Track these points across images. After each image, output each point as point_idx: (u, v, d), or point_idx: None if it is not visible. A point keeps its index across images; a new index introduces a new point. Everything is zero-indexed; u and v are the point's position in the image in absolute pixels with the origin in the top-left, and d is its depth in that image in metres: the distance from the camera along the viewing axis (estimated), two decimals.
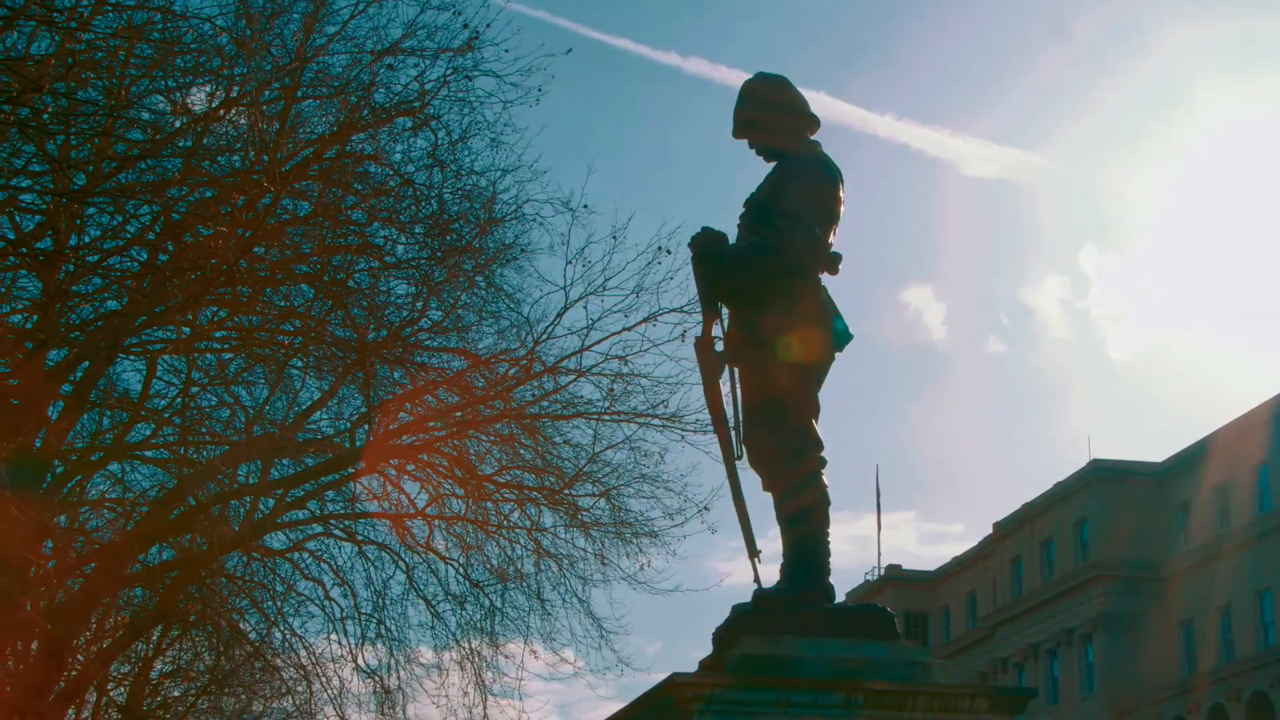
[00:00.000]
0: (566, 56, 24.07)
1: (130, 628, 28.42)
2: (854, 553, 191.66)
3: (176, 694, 36.34)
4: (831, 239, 12.24)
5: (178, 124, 21.70)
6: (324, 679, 28.96)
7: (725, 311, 12.41)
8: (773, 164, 12.63)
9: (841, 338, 12.22)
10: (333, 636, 28.18)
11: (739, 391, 12.29)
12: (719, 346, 12.27)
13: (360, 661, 28.20)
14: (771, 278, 11.93)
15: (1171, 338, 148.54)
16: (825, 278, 12.40)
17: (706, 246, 12.19)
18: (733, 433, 12.24)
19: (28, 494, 20.75)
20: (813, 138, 12.62)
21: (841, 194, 12.33)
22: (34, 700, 23.19)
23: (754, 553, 12.53)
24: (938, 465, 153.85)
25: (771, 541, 12.57)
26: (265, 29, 22.23)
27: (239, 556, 26.84)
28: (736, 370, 12.27)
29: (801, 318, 11.93)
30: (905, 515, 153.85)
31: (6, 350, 20.53)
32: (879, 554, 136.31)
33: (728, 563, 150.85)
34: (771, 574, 12.34)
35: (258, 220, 21.60)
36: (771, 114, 12.58)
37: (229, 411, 25.38)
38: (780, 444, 12.02)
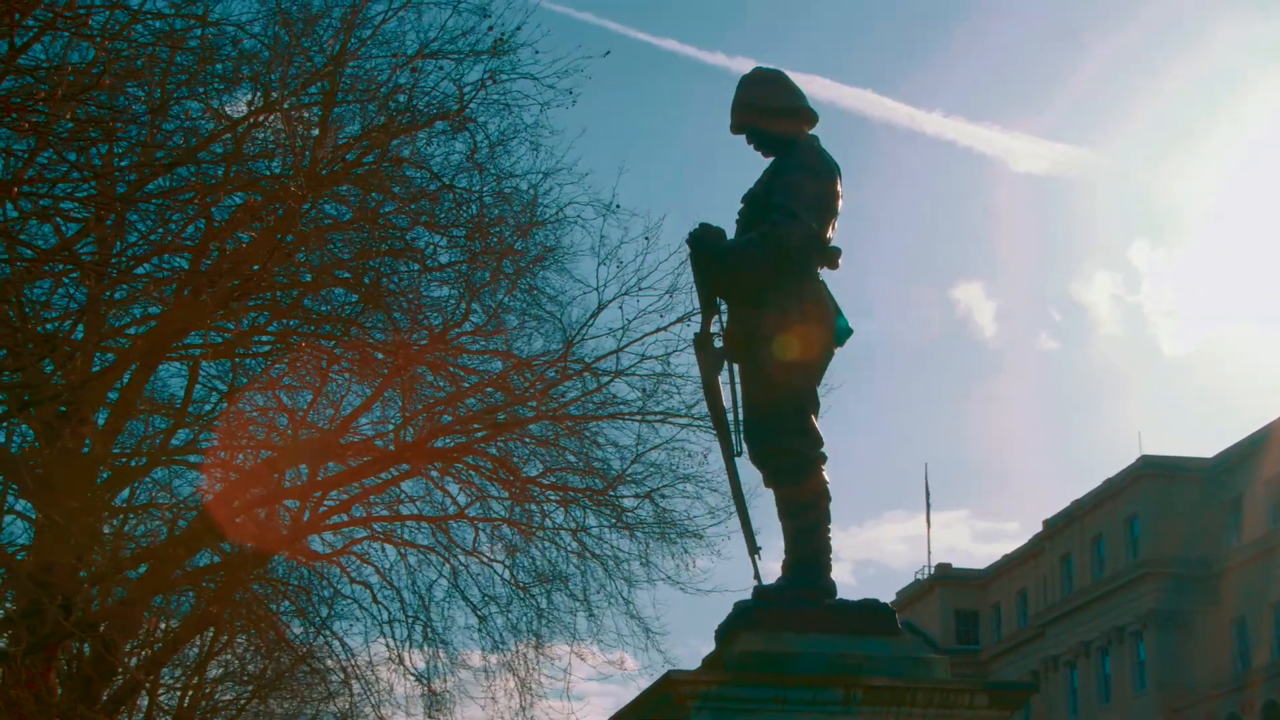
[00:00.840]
0: (613, 57, 24.16)
1: (179, 633, 28.58)
2: (906, 552, 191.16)
3: (227, 698, 36.52)
4: (831, 233, 12.17)
5: (216, 129, 21.83)
6: (371, 682, 29.10)
7: (724, 308, 12.36)
8: (770, 159, 12.60)
9: (841, 334, 12.15)
10: (380, 640, 28.31)
11: (739, 388, 12.27)
12: (718, 343, 12.24)
13: (408, 664, 28.29)
14: (768, 273, 11.86)
15: (1224, 333, 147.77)
16: (827, 272, 12.34)
17: (703, 242, 12.13)
18: (733, 430, 12.21)
19: (75, 500, 20.91)
20: (811, 131, 12.58)
21: (839, 188, 12.24)
22: (84, 705, 23.33)
23: (754, 550, 12.50)
24: (990, 463, 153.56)
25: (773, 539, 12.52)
26: (303, 33, 22.35)
27: (285, 561, 26.96)
28: (736, 367, 12.23)
29: (799, 313, 11.84)
30: (958, 514, 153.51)
31: (50, 355, 20.69)
32: (929, 553, 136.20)
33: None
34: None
35: (296, 225, 21.70)
36: (768, 108, 12.53)
37: (275, 416, 25.47)
38: (780, 441, 11.95)
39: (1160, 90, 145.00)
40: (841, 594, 11.94)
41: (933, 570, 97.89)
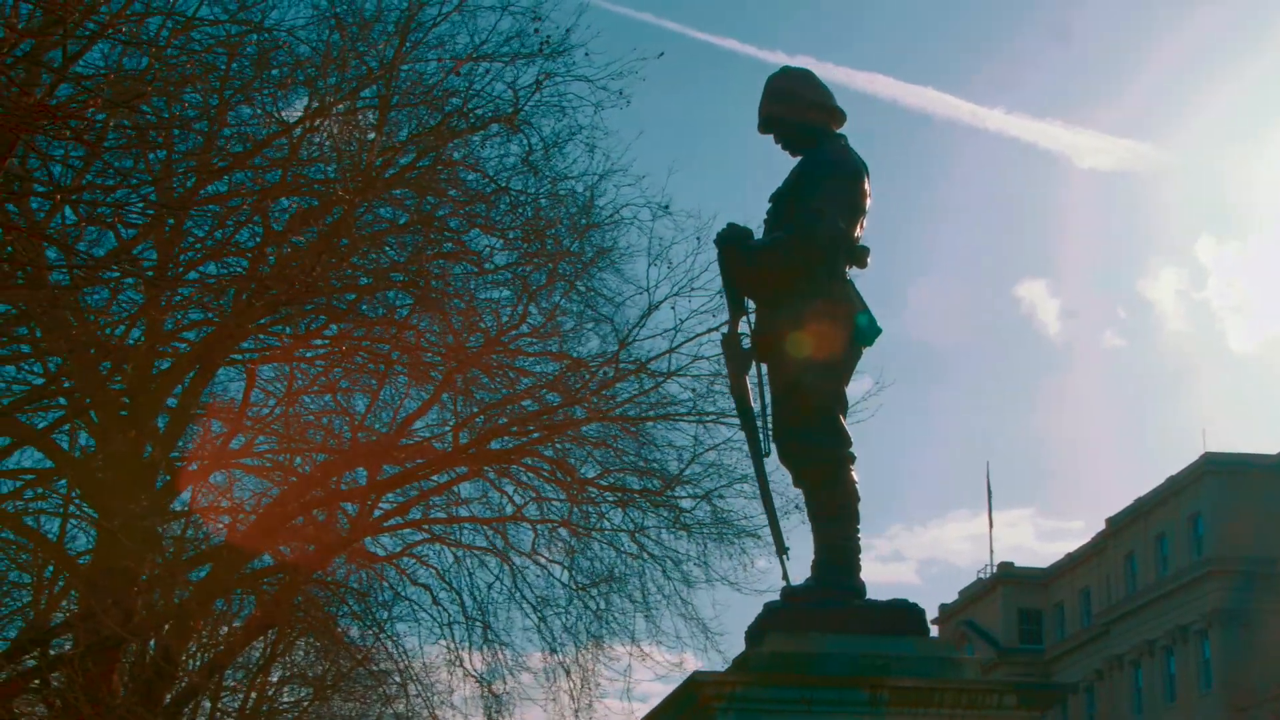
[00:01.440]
0: (672, 57, 24.28)
1: (239, 636, 28.72)
2: (971, 551, 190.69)
3: (289, 700, 36.68)
4: (858, 232, 12.11)
5: (271, 134, 21.95)
6: (430, 684, 29.18)
7: (753, 308, 12.32)
8: (798, 158, 12.56)
9: (868, 332, 12.06)
10: (439, 642, 28.36)
11: (767, 388, 12.23)
12: (746, 343, 12.18)
13: (467, 666, 28.33)
14: (794, 272, 11.83)
15: None
16: (856, 271, 12.27)
17: (731, 242, 12.13)
18: (761, 429, 12.17)
19: (134, 504, 21.07)
20: (839, 131, 12.53)
21: (867, 187, 12.17)
22: (144, 708, 23.48)
23: (782, 550, 12.46)
24: (1055, 462, 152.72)
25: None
26: (359, 37, 22.45)
27: (344, 563, 27.05)
28: (765, 367, 12.19)
29: (826, 313, 11.78)
30: (1023, 512, 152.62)
31: (109, 360, 20.87)
32: (991, 552, 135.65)
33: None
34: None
35: (352, 229, 21.80)
36: (796, 108, 12.48)
37: (332, 419, 25.57)
38: (808, 440, 11.91)
39: (1227, 85, 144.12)
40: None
41: (995, 569, 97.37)
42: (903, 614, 11.60)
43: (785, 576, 12.32)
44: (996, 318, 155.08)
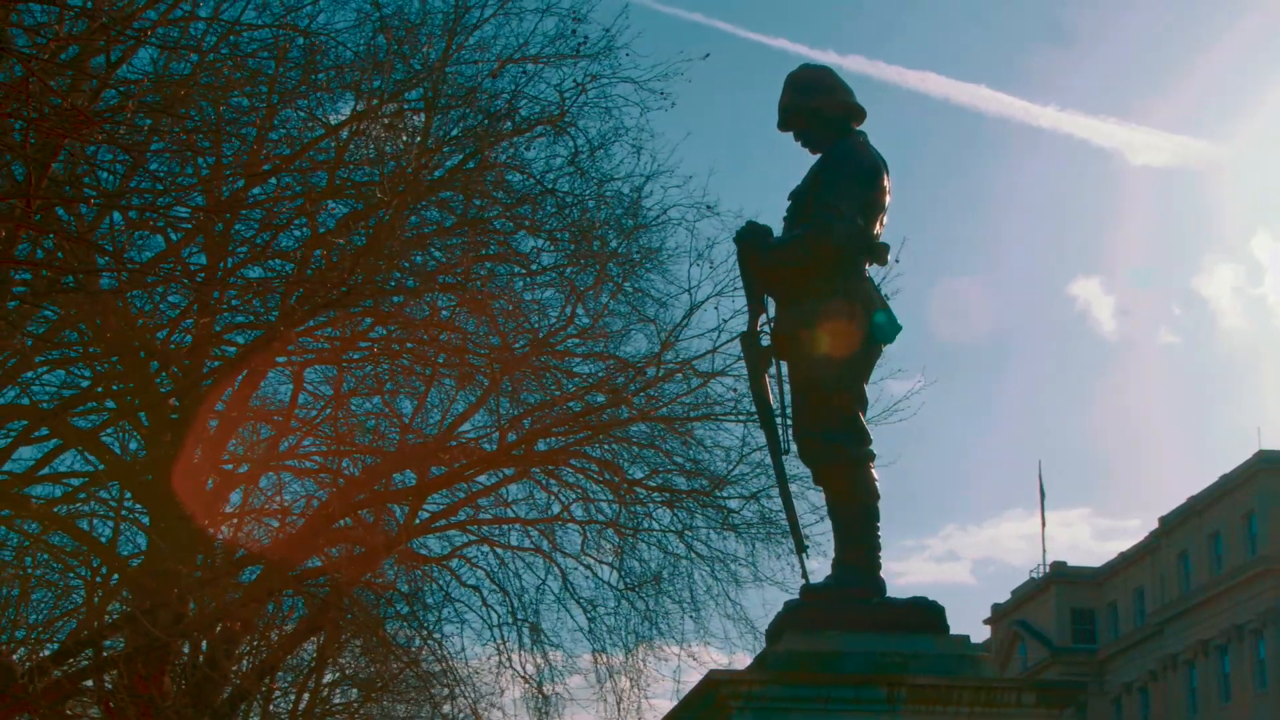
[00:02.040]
0: (724, 57, 24.34)
1: (291, 637, 28.84)
2: (1027, 550, 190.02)
3: (341, 702, 36.79)
4: (878, 229, 12.09)
5: (317, 136, 22.07)
6: (480, 686, 29.24)
7: (772, 305, 12.32)
8: (818, 155, 12.53)
9: (887, 330, 12.01)
10: (489, 643, 28.40)
11: (786, 385, 12.20)
12: (765, 341, 12.21)
13: (517, 668, 28.36)
14: (812, 270, 11.82)
15: None
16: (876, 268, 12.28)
17: (749, 239, 12.17)
18: (780, 427, 12.14)
19: (185, 506, 21.20)
20: (859, 127, 12.49)
21: (887, 184, 12.16)
22: (196, 710, 23.61)
23: (801, 549, 12.46)
24: (1111, 460, 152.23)
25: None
26: (404, 40, 22.53)
27: (393, 565, 27.11)
28: (784, 364, 12.18)
29: (843, 310, 11.77)
30: (1080, 511, 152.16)
31: (159, 363, 21.00)
32: (1044, 551, 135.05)
33: (899, 562, 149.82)
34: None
35: (399, 231, 21.86)
36: (815, 105, 12.47)
37: (380, 422, 25.63)
38: (827, 438, 11.88)
39: None
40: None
41: (1048, 569, 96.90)
42: (921, 612, 11.57)
43: (804, 575, 12.35)
44: (1051, 316, 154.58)
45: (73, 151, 15.44)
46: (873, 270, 12.21)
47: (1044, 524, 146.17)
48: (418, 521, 26.58)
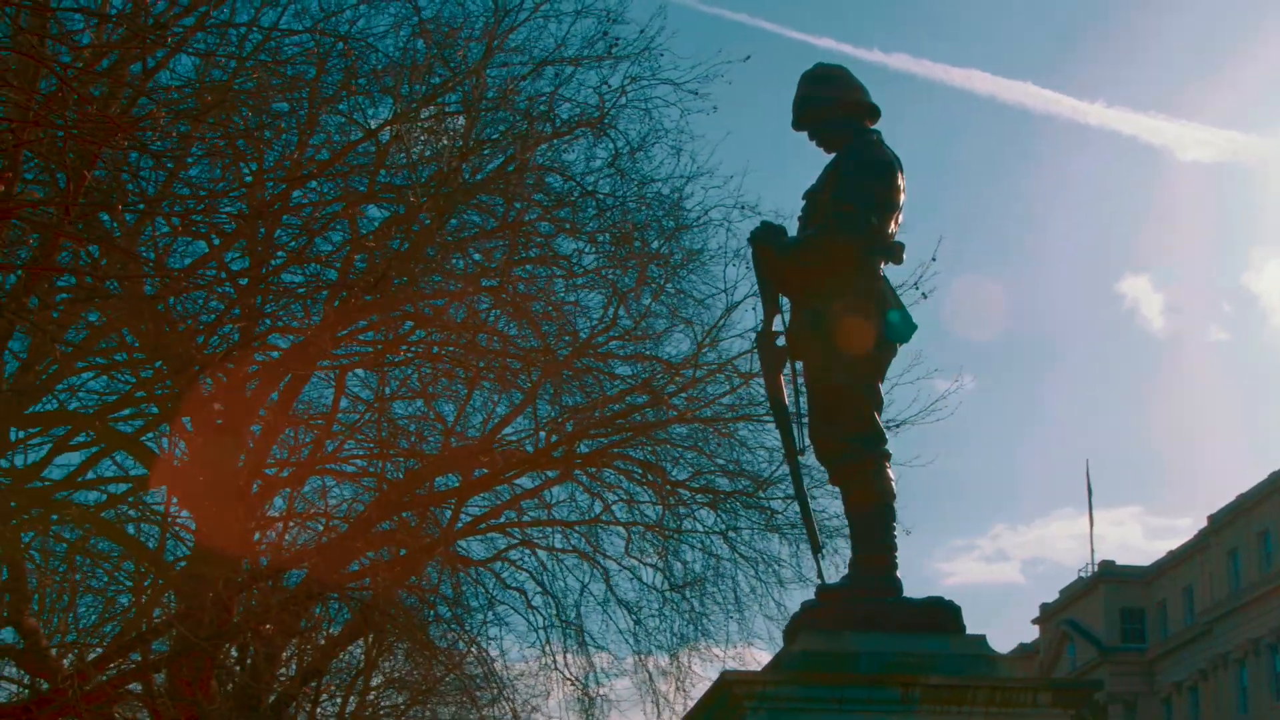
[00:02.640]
0: (768, 58, 24.28)
1: (337, 640, 28.94)
2: (1077, 549, 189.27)
3: (389, 705, 36.88)
4: (893, 228, 12.06)
5: (356, 140, 22.14)
6: (526, 689, 29.28)
7: (787, 305, 12.30)
8: (832, 155, 12.50)
9: (901, 329, 11.96)
10: (534, 646, 28.44)
11: (801, 385, 12.17)
12: (781, 341, 12.18)
13: (562, 670, 28.38)
14: (826, 270, 11.81)
15: None
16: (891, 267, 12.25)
17: (763, 240, 12.16)
18: (795, 427, 12.12)
19: (229, 509, 21.28)
20: (873, 127, 12.45)
21: (901, 183, 12.12)
22: (241, 713, 23.72)
23: (817, 549, 12.44)
24: (1162, 458, 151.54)
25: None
26: (443, 44, 22.58)
27: (437, 568, 27.17)
28: (800, 364, 12.16)
29: (858, 310, 11.76)
30: (1131, 510, 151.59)
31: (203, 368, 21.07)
32: (1091, 550, 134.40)
33: (948, 562, 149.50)
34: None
35: (441, 235, 21.92)
36: (829, 105, 12.47)
37: (422, 425, 25.69)
38: (842, 437, 11.86)
39: None
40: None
41: (1096, 568, 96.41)
42: (937, 612, 11.52)
43: (820, 575, 12.35)
44: (1099, 313, 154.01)
45: (114, 158, 15.51)
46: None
47: (1091, 523, 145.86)
48: (460, 525, 26.64)
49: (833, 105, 12.48)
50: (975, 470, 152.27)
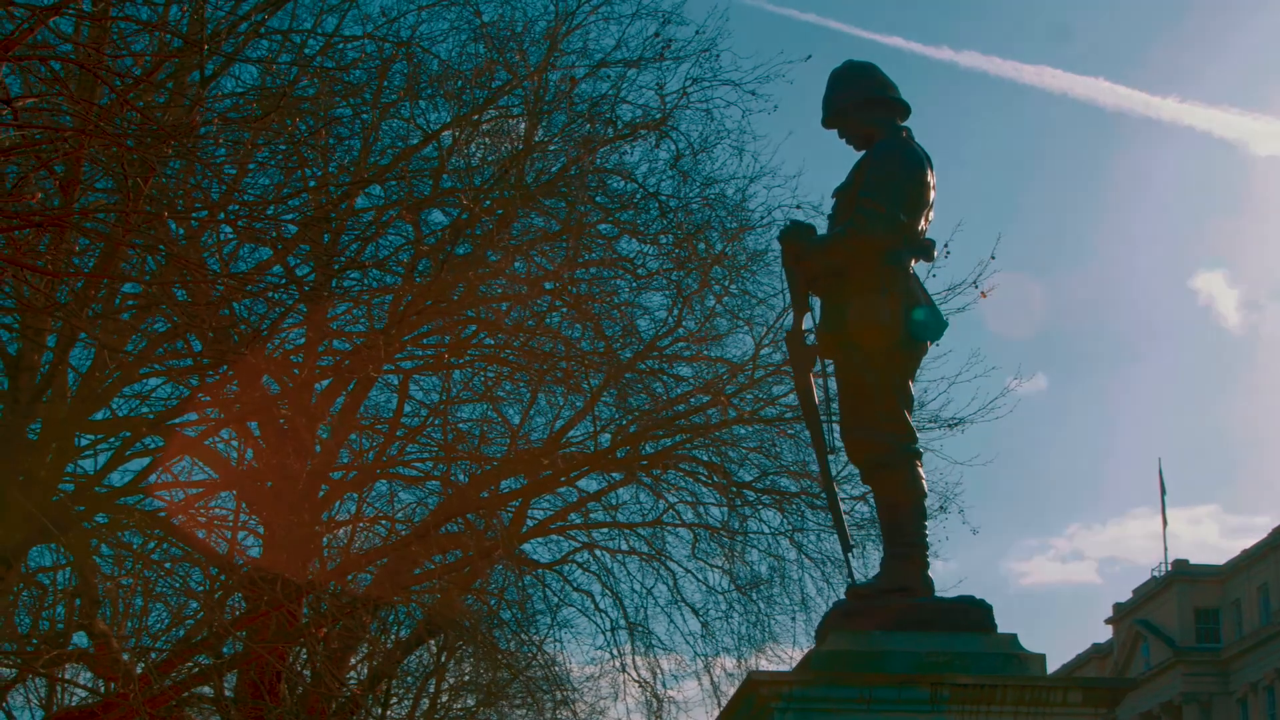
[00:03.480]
0: (835, 57, 24.20)
1: (406, 643, 29.05)
2: (1153, 548, 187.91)
3: (460, 708, 36.99)
4: (923, 225, 11.98)
5: (418, 143, 22.26)
6: (593, 691, 29.33)
7: (817, 303, 12.27)
8: (862, 152, 12.44)
9: (930, 327, 11.88)
10: (602, 649, 28.48)
11: (831, 384, 12.12)
12: (810, 340, 12.12)
13: (630, 672, 28.41)
14: (854, 267, 11.75)
15: None
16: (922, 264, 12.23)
17: (791, 238, 12.12)
18: (826, 426, 12.07)
19: (297, 514, 21.41)
20: (903, 124, 12.38)
21: (930, 179, 12.04)
22: (309, 716, 23.84)
23: (847, 548, 12.39)
24: (1240, 456, 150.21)
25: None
26: (504, 47, 22.68)
27: (504, 570, 27.24)
28: (830, 363, 12.11)
29: (885, 307, 11.69)
30: (1208, 509, 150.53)
31: (268, 372, 21.20)
32: (1165, 549, 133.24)
33: (1023, 562, 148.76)
34: None
35: (505, 238, 21.99)
36: (859, 102, 12.40)
37: (485, 429, 25.76)
38: (872, 436, 11.79)
39: None
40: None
41: (1169, 567, 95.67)
42: (968, 610, 11.45)
43: (850, 574, 12.32)
44: (1173, 310, 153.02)
45: (173, 167, 15.64)
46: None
47: (1164, 522, 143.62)
48: (525, 528, 26.69)
49: (861, 103, 12.43)
50: (1049, 469, 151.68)
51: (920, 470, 11.86)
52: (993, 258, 24.71)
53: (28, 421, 18.92)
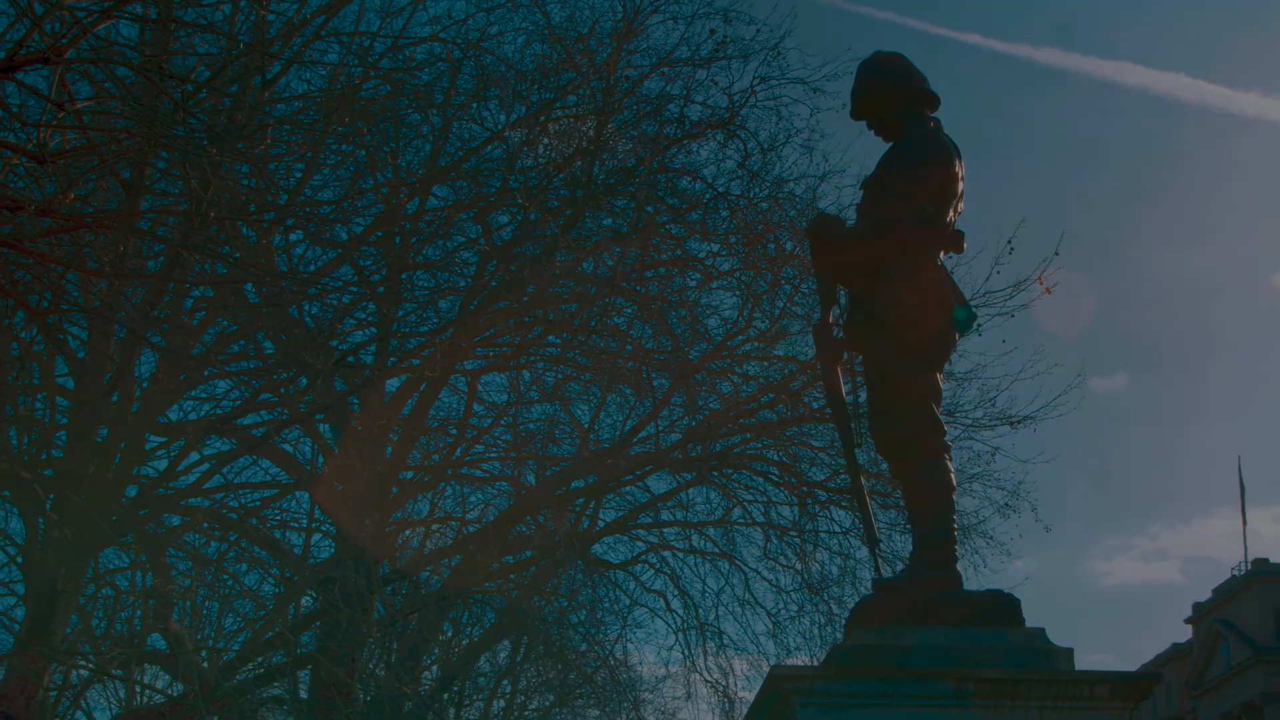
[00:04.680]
0: (918, 56, 24.00)
1: (479, 642, 29.15)
2: (1235, 547, 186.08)
3: (535, 707, 37.09)
4: (952, 216, 11.80)
5: (482, 142, 22.34)
6: (665, 691, 29.31)
7: (845, 296, 12.14)
8: (890, 144, 12.33)
9: (962, 321, 11.71)
10: (674, 649, 28.49)
11: (860, 378, 12.04)
12: (838, 333, 11.98)
13: (703, 673, 28.35)
14: (881, 259, 11.57)
15: None
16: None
17: (819, 230, 12.02)
18: (854, 420, 11.98)
19: (365, 514, 21.52)
20: (932, 114, 12.25)
21: (959, 170, 11.81)
22: (385, 717, 23.94)
23: (874, 543, 12.27)
24: None
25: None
26: (572, 47, 22.69)
27: (576, 571, 27.26)
28: (859, 356, 12.01)
29: (915, 301, 11.48)
30: None
31: (341, 374, 21.34)
32: (1245, 548, 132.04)
33: (1105, 562, 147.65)
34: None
35: (567, 239, 22.02)
36: (887, 93, 12.23)
37: (554, 429, 25.80)
38: (900, 430, 11.61)
39: None
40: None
41: (1249, 566, 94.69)
42: (995, 605, 11.22)
43: (877, 569, 12.19)
44: (1253, 308, 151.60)
45: (236, 171, 15.73)
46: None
47: (1244, 520, 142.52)
48: (597, 528, 26.71)
49: (889, 94, 12.29)
50: (1129, 468, 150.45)
51: (949, 463, 11.72)
52: (1057, 254, 24.51)
53: (95, 424, 19.07)
